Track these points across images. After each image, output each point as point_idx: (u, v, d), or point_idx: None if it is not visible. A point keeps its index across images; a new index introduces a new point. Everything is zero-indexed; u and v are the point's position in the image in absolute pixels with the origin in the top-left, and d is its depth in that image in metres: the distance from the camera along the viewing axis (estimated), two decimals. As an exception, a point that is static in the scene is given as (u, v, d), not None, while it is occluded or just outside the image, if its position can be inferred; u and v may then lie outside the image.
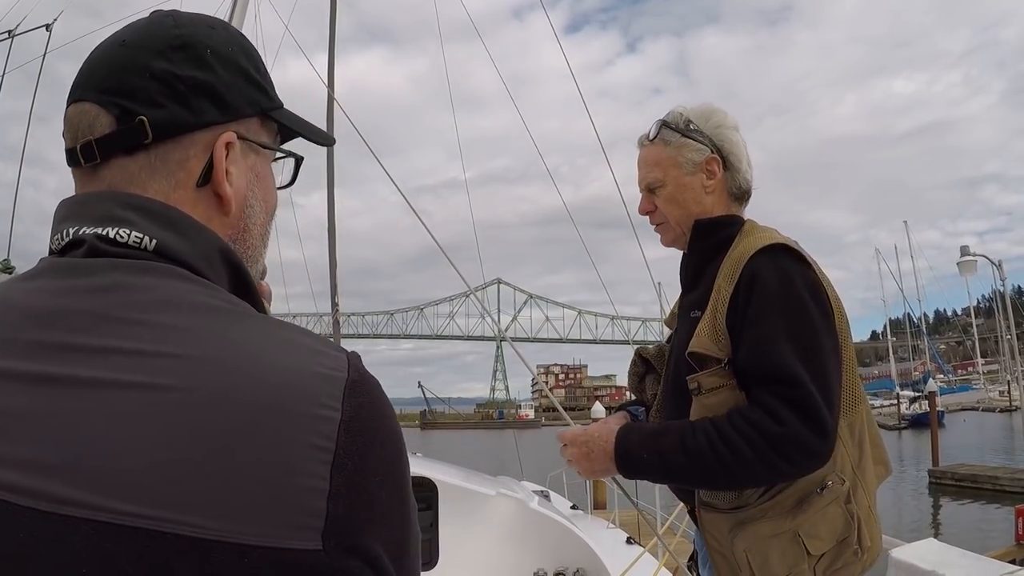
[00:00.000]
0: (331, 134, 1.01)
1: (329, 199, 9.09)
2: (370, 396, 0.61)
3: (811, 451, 1.51)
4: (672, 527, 5.56)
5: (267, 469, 0.54)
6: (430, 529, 4.37)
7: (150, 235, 0.65)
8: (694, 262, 1.85)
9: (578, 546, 4.25)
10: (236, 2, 6.47)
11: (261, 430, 0.55)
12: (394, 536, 0.61)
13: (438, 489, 4.42)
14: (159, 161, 0.70)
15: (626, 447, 1.67)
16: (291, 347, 0.62)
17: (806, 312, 1.59)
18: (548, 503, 5.46)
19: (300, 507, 0.54)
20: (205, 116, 0.71)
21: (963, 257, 20.14)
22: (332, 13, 8.76)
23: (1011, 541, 11.60)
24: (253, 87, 0.77)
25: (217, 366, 0.57)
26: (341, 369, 0.61)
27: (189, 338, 0.58)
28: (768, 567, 1.62)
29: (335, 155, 8.96)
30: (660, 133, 1.84)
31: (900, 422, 46.27)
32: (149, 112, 0.68)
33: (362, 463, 0.58)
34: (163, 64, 0.70)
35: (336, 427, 0.57)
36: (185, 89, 0.70)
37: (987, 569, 2.89)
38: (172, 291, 0.62)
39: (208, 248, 0.69)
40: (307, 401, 0.57)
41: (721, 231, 1.80)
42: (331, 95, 7.20)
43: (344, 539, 0.56)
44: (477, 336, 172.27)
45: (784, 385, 1.53)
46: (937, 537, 13.65)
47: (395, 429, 0.63)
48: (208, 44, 0.73)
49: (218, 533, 0.52)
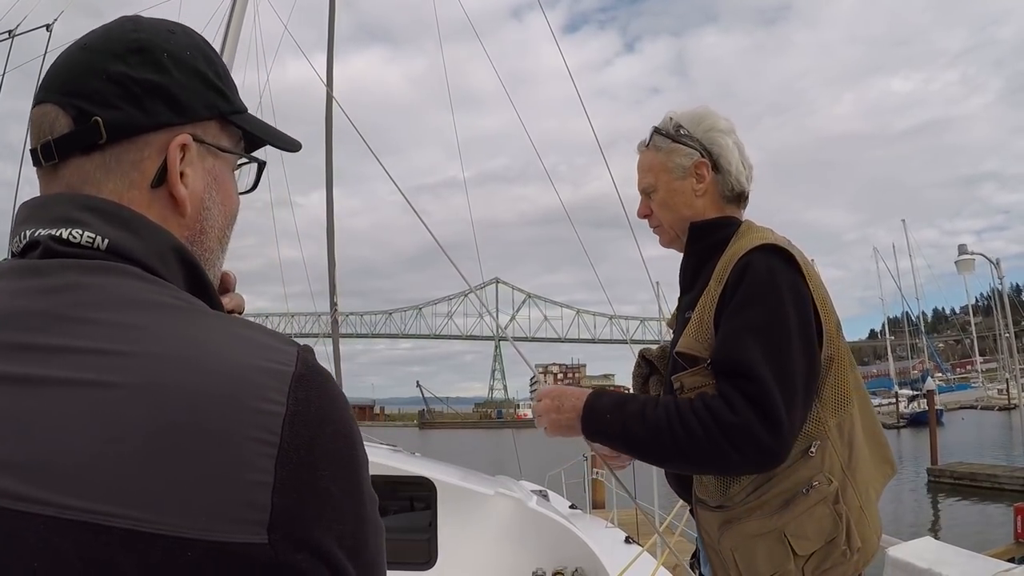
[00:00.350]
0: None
1: (328, 198, 9.09)
2: (318, 390, 0.62)
3: (762, 447, 1.51)
4: (671, 526, 5.56)
5: (210, 463, 0.55)
6: (429, 528, 4.37)
7: (103, 235, 0.66)
8: (691, 264, 1.87)
9: (576, 545, 4.26)
10: (235, 2, 6.47)
11: (204, 424, 0.55)
12: (348, 530, 0.61)
13: (437, 489, 4.43)
14: (114, 161, 0.71)
15: (593, 406, 1.68)
16: (238, 342, 0.62)
17: (781, 311, 1.59)
18: (547, 503, 5.46)
19: (244, 501, 0.55)
20: (159, 117, 0.72)
21: (961, 255, 20.18)
22: (331, 13, 8.76)
23: (1010, 539, 11.63)
24: (211, 91, 0.77)
25: (163, 362, 0.58)
26: (288, 363, 0.61)
27: (137, 335, 0.59)
28: (754, 566, 1.63)
29: (334, 154, 8.96)
30: (652, 139, 1.88)
31: (899, 421, 46.27)
32: (104, 113, 0.70)
33: (309, 457, 0.58)
34: (119, 67, 0.71)
35: (281, 421, 0.58)
36: (140, 91, 0.71)
37: (984, 567, 2.89)
38: (123, 289, 0.63)
39: (161, 246, 0.69)
40: (251, 395, 0.58)
41: (717, 233, 1.81)
42: (330, 94, 7.20)
43: (291, 532, 0.56)
44: (475, 335, 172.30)
45: (744, 379, 1.54)
46: (936, 536, 13.67)
47: (346, 423, 0.63)
48: (165, 48, 0.74)
49: (160, 527, 0.52)
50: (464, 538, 4.34)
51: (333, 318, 9.10)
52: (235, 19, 6.44)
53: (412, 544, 4.41)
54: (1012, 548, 11.12)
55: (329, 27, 8.75)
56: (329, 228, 9.10)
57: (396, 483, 4.61)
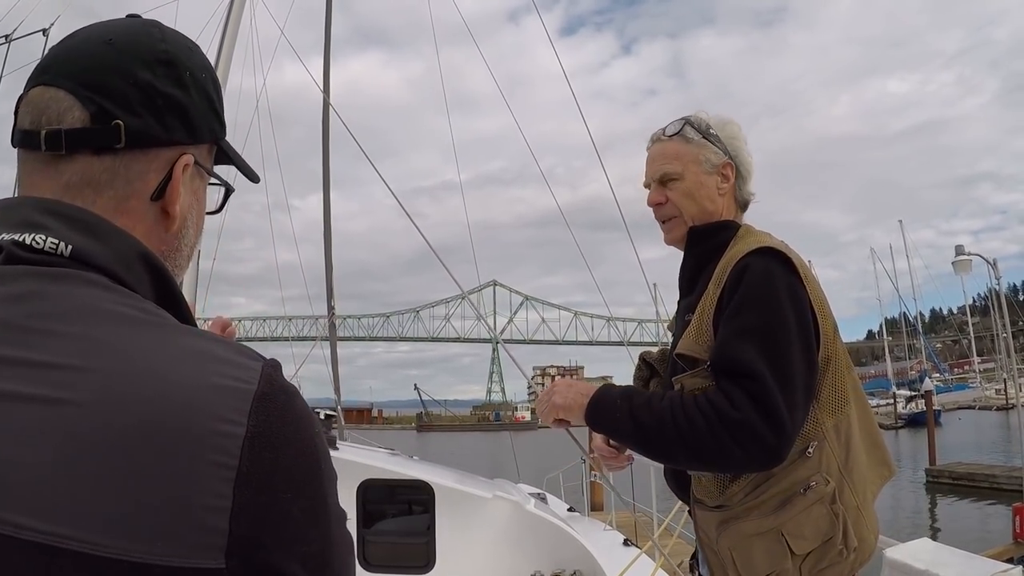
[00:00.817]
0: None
1: (325, 202, 9.09)
2: (281, 409, 0.60)
3: (764, 444, 1.52)
4: (669, 528, 5.57)
5: (165, 487, 0.53)
6: (427, 532, 4.37)
7: (66, 240, 0.65)
8: (690, 266, 1.89)
9: (574, 548, 4.25)
10: (232, 5, 6.48)
11: (159, 447, 0.54)
12: (312, 551, 0.60)
13: (435, 492, 4.42)
14: (123, 167, 0.71)
15: (601, 396, 1.72)
16: (199, 358, 0.60)
17: (780, 313, 1.61)
18: (545, 505, 5.46)
19: (200, 526, 0.54)
20: (174, 134, 0.73)
21: (958, 256, 20.16)
22: (327, 17, 8.77)
23: (1009, 539, 11.64)
24: (214, 115, 0.79)
25: (120, 379, 0.56)
26: (250, 381, 0.60)
27: (96, 350, 0.58)
28: (752, 565, 1.64)
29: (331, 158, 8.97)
30: (682, 130, 1.89)
31: (896, 421, 46.29)
32: (126, 118, 0.70)
33: (269, 480, 0.57)
34: (148, 75, 0.71)
35: (240, 443, 0.56)
36: (163, 104, 0.72)
37: (981, 568, 2.90)
38: (83, 299, 0.62)
39: (127, 253, 0.68)
40: (208, 416, 0.56)
41: (715, 236, 1.84)
42: (327, 100, 7.21)
43: (250, 558, 0.55)
44: (473, 338, 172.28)
45: (746, 378, 1.56)
46: (935, 536, 13.69)
47: (311, 443, 0.62)
48: (188, 66, 0.75)
49: (114, 551, 0.51)
50: (462, 541, 4.33)
51: (330, 321, 9.09)
52: (232, 22, 6.45)
53: (410, 548, 4.41)
54: (1011, 548, 11.13)
55: (325, 32, 8.75)
56: (326, 231, 9.10)
57: (394, 487, 4.61)
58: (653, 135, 1.95)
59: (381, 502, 4.56)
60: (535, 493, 6.23)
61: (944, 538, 13.19)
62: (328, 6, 8.81)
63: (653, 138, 1.94)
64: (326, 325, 9.18)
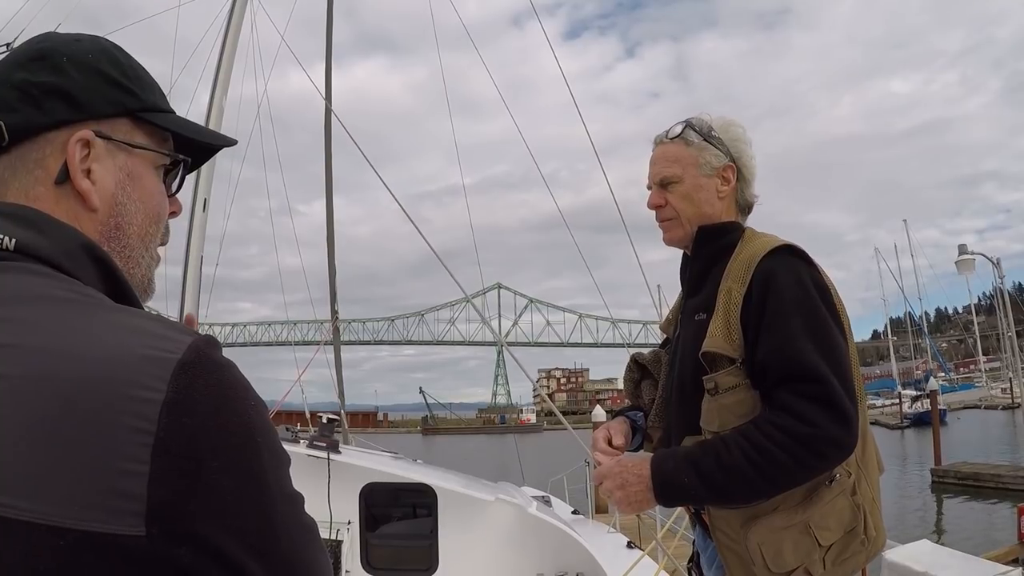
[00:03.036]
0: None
1: (328, 207, 9.12)
2: (207, 378, 0.60)
3: (841, 445, 1.58)
4: (671, 530, 5.57)
5: (83, 451, 0.54)
6: (430, 535, 4.39)
7: (9, 235, 0.68)
8: (698, 267, 1.91)
9: (577, 551, 4.26)
10: (232, 12, 6.51)
11: (78, 412, 0.55)
12: (248, 527, 0.59)
13: (438, 496, 4.44)
14: (19, 161, 0.74)
15: (664, 476, 1.68)
16: (126, 331, 0.62)
17: (820, 312, 1.66)
18: (548, 508, 5.47)
19: (117, 491, 0.54)
20: (56, 115, 0.75)
21: (961, 255, 20.12)
22: (328, 25, 8.80)
23: (1014, 540, 11.59)
24: (117, 88, 0.79)
25: (43, 354, 0.58)
26: (175, 351, 0.60)
27: (26, 329, 0.60)
28: (781, 559, 1.65)
29: (337, 163, 9.00)
30: (683, 133, 1.91)
31: (902, 421, 46.16)
32: (6, 117, 0.74)
33: (192, 447, 0.57)
34: (22, 74, 0.75)
35: (158, 408, 0.56)
36: (38, 93, 0.75)
37: (980, 570, 2.91)
38: (23, 285, 0.64)
39: (68, 244, 0.71)
40: (128, 383, 0.57)
41: (724, 236, 1.87)
42: (328, 107, 7.25)
43: (171, 526, 0.55)
44: (478, 341, 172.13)
45: (809, 383, 1.58)
46: (940, 536, 13.62)
47: (243, 414, 0.61)
48: (65, 53, 0.77)
49: (33, 514, 0.53)
50: (465, 545, 4.35)
51: (334, 325, 9.11)
52: (232, 29, 6.48)
53: (413, 551, 4.43)
54: (1015, 549, 11.06)
55: (327, 39, 8.79)
56: (329, 236, 9.12)
57: (398, 490, 4.63)
58: (656, 137, 1.97)
59: (384, 506, 4.58)
60: (539, 496, 6.24)
61: (949, 539, 13.17)
62: (329, 14, 8.85)
63: (656, 140, 1.97)
64: (330, 329, 9.21)
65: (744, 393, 1.68)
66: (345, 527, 4.33)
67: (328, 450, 4.40)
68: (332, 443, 4.61)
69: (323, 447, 4.43)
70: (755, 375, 1.68)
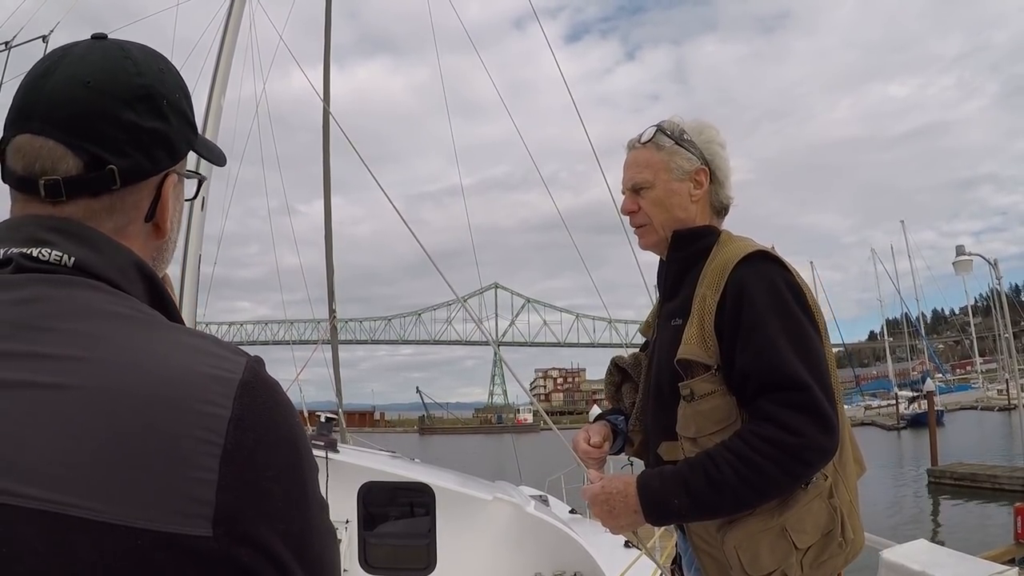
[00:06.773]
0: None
1: (326, 206, 9.12)
2: (263, 397, 0.67)
3: (827, 452, 1.59)
4: (669, 529, 5.58)
5: (158, 460, 0.60)
6: (428, 534, 4.39)
7: (69, 253, 0.71)
8: (673, 271, 1.90)
9: (574, 550, 4.27)
10: (231, 14, 6.50)
11: (153, 423, 0.60)
12: (292, 530, 0.66)
13: (436, 494, 4.45)
14: (119, 202, 0.78)
15: (651, 497, 1.68)
16: (188, 350, 0.68)
17: (796, 316, 1.65)
18: (546, 507, 5.47)
19: (190, 496, 0.60)
20: (161, 164, 0.80)
21: (959, 256, 20.17)
22: (327, 27, 8.80)
23: (1010, 540, 11.63)
24: (189, 128, 0.85)
25: (117, 367, 0.63)
26: (235, 371, 0.67)
27: (94, 343, 0.65)
28: (758, 562, 1.65)
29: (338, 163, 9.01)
30: (655, 138, 1.89)
31: (898, 422, 46.24)
32: (118, 161, 0.76)
33: (252, 459, 0.63)
34: (130, 116, 0.77)
35: (226, 423, 0.63)
36: (148, 140, 0.78)
37: (977, 569, 2.91)
38: (85, 301, 0.68)
39: (123, 262, 0.75)
40: (196, 398, 0.63)
41: (699, 241, 1.85)
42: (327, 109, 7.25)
43: (234, 528, 0.61)
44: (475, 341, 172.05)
45: (792, 391, 1.58)
46: (936, 536, 13.65)
47: (292, 430, 0.68)
48: (164, 94, 0.80)
49: (113, 516, 0.57)
50: (463, 543, 4.36)
51: (332, 324, 9.12)
52: (231, 29, 6.48)
53: (411, 550, 4.44)
54: (1012, 549, 11.11)
55: (325, 41, 8.80)
56: (327, 235, 9.13)
57: (395, 489, 4.63)
58: (629, 142, 1.95)
59: (382, 504, 4.59)
60: (537, 495, 6.25)
61: (946, 539, 13.19)
62: (327, 15, 8.85)
63: (628, 145, 1.95)
64: (328, 328, 9.21)
65: (720, 399, 1.67)
66: (343, 526, 4.34)
67: (326, 449, 4.41)
68: (330, 442, 4.62)
69: (321, 446, 4.44)
70: (731, 381, 1.67)
